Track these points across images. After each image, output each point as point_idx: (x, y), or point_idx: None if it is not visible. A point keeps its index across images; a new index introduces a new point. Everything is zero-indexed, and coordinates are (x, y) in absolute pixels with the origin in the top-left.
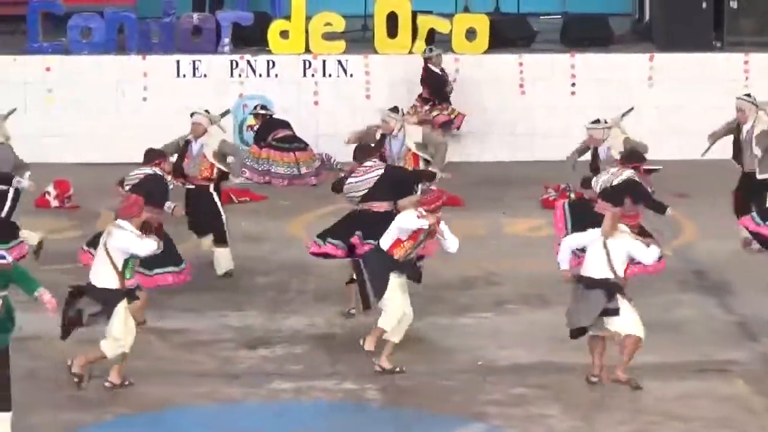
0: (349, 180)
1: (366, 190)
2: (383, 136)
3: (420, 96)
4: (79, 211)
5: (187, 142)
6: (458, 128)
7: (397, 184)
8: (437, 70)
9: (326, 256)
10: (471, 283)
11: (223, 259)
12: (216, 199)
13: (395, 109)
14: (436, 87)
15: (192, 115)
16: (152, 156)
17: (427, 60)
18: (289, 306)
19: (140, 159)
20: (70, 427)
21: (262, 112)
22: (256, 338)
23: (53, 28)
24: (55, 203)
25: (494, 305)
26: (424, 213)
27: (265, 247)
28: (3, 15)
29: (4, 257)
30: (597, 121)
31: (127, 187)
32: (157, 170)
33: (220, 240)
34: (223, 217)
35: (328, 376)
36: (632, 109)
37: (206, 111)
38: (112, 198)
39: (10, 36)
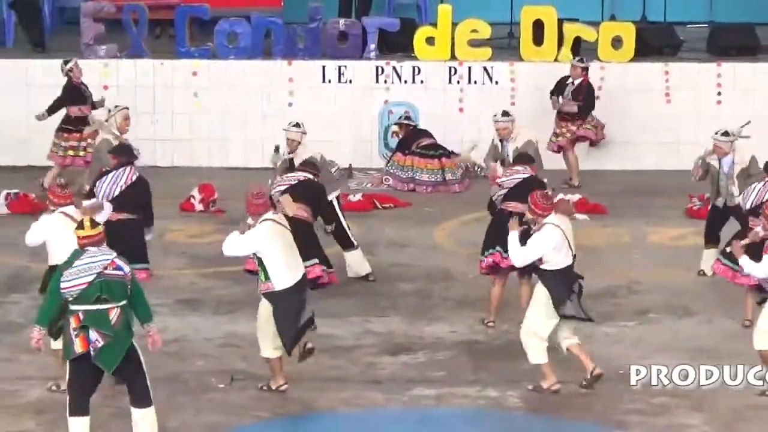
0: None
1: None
2: (500, 140)
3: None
4: (223, 216)
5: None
6: (598, 141)
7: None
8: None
9: (495, 266)
10: (614, 292)
11: (355, 263)
12: (335, 205)
13: (506, 114)
14: (586, 98)
15: (288, 129)
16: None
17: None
18: (431, 312)
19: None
20: (212, 431)
21: (406, 122)
22: (398, 344)
23: (200, 33)
24: (199, 207)
25: (637, 314)
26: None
27: (408, 254)
28: (151, 19)
29: (121, 269)
30: (726, 134)
31: (279, 189)
32: (309, 175)
33: (346, 245)
34: (343, 221)
35: (470, 383)
36: (749, 122)
37: (297, 125)
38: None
39: (158, 40)
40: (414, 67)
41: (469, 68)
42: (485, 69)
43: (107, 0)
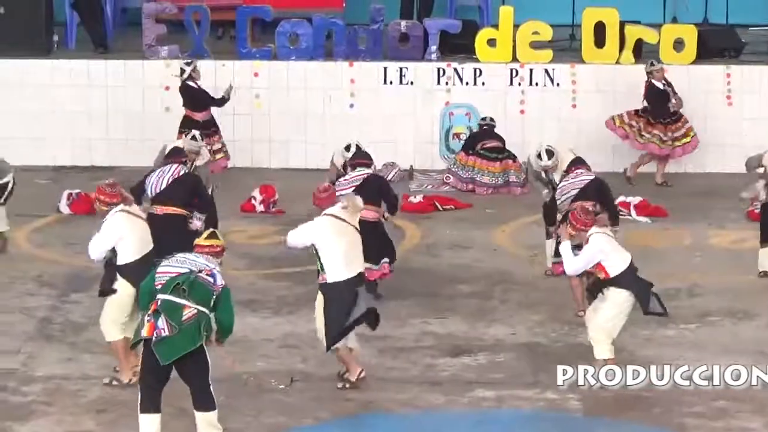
0: (561, 183)
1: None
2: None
3: (636, 111)
4: (283, 217)
5: None
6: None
7: (602, 192)
8: (659, 85)
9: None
10: (674, 295)
11: None
12: None
13: (551, 153)
14: (657, 103)
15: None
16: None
17: (648, 74)
18: (491, 314)
19: None
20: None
21: (483, 123)
22: (458, 346)
23: (262, 34)
24: (260, 208)
25: (697, 317)
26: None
27: (469, 255)
28: (213, 20)
29: (214, 277)
30: None
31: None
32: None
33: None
34: None
35: (530, 386)
36: None
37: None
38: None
39: (220, 41)
40: (475, 69)
41: (531, 70)
42: (546, 71)
43: (169, 1)
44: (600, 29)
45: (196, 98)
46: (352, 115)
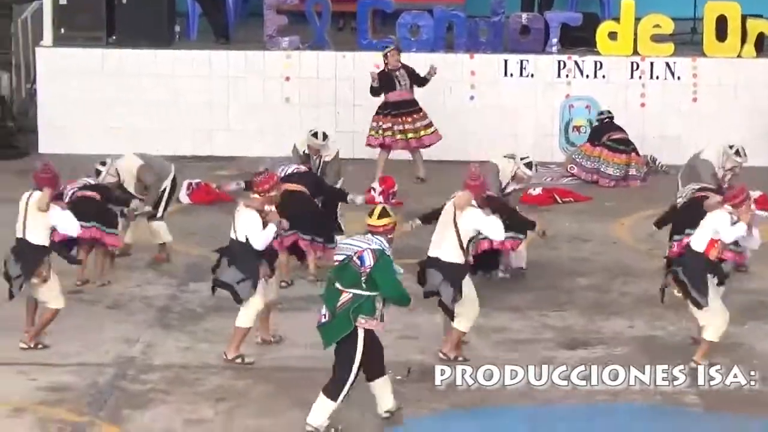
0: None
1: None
2: None
3: None
4: (402, 208)
5: None
6: None
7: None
8: None
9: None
10: None
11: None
12: None
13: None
14: None
15: None
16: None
17: None
18: (609, 307)
19: (467, 157)
20: (390, 422)
21: (603, 117)
22: (575, 339)
23: (382, 25)
24: (379, 199)
25: None
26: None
27: (587, 248)
28: (334, 12)
29: (362, 260)
30: None
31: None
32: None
33: None
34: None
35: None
36: None
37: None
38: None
39: (340, 32)
40: (596, 62)
41: (651, 63)
42: (667, 64)
43: None
44: (722, 23)
45: (387, 81)
46: (472, 107)
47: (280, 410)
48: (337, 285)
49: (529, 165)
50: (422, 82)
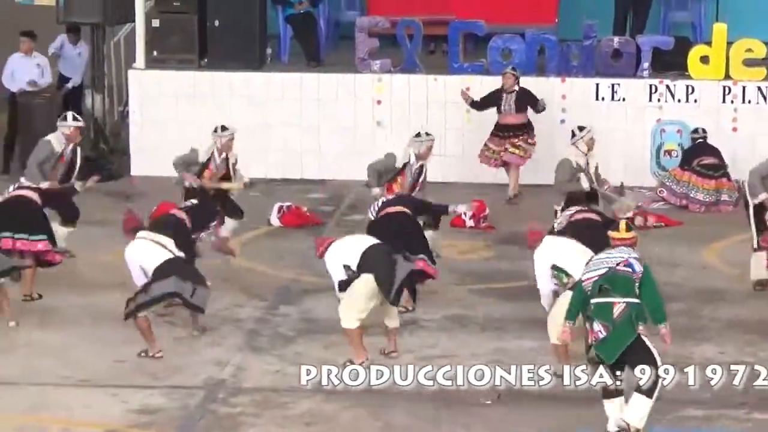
0: None
1: None
2: None
3: None
4: (493, 233)
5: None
6: None
7: None
8: None
9: None
10: None
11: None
12: None
13: None
14: None
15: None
16: None
17: None
18: (700, 333)
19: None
20: None
21: (697, 136)
22: (666, 363)
23: (474, 49)
24: (470, 223)
25: None
26: None
27: (678, 273)
28: (425, 35)
29: (631, 267)
30: None
31: None
32: None
33: None
34: None
35: (738, 406)
36: None
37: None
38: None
39: (431, 56)
40: (687, 86)
41: (744, 88)
42: (759, 89)
43: (383, 15)
44: None
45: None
46: (563, 130)
47: None
48: (609, 299)
49: (581, 128)
50: (535, 109)
